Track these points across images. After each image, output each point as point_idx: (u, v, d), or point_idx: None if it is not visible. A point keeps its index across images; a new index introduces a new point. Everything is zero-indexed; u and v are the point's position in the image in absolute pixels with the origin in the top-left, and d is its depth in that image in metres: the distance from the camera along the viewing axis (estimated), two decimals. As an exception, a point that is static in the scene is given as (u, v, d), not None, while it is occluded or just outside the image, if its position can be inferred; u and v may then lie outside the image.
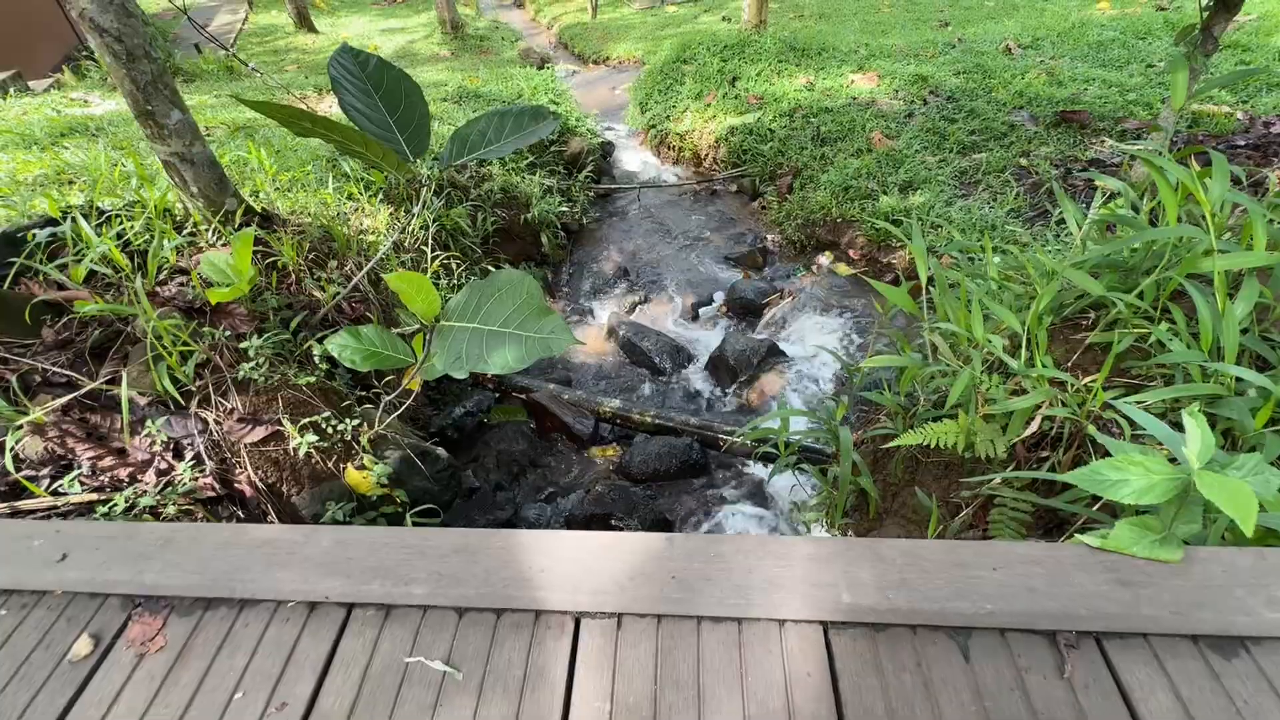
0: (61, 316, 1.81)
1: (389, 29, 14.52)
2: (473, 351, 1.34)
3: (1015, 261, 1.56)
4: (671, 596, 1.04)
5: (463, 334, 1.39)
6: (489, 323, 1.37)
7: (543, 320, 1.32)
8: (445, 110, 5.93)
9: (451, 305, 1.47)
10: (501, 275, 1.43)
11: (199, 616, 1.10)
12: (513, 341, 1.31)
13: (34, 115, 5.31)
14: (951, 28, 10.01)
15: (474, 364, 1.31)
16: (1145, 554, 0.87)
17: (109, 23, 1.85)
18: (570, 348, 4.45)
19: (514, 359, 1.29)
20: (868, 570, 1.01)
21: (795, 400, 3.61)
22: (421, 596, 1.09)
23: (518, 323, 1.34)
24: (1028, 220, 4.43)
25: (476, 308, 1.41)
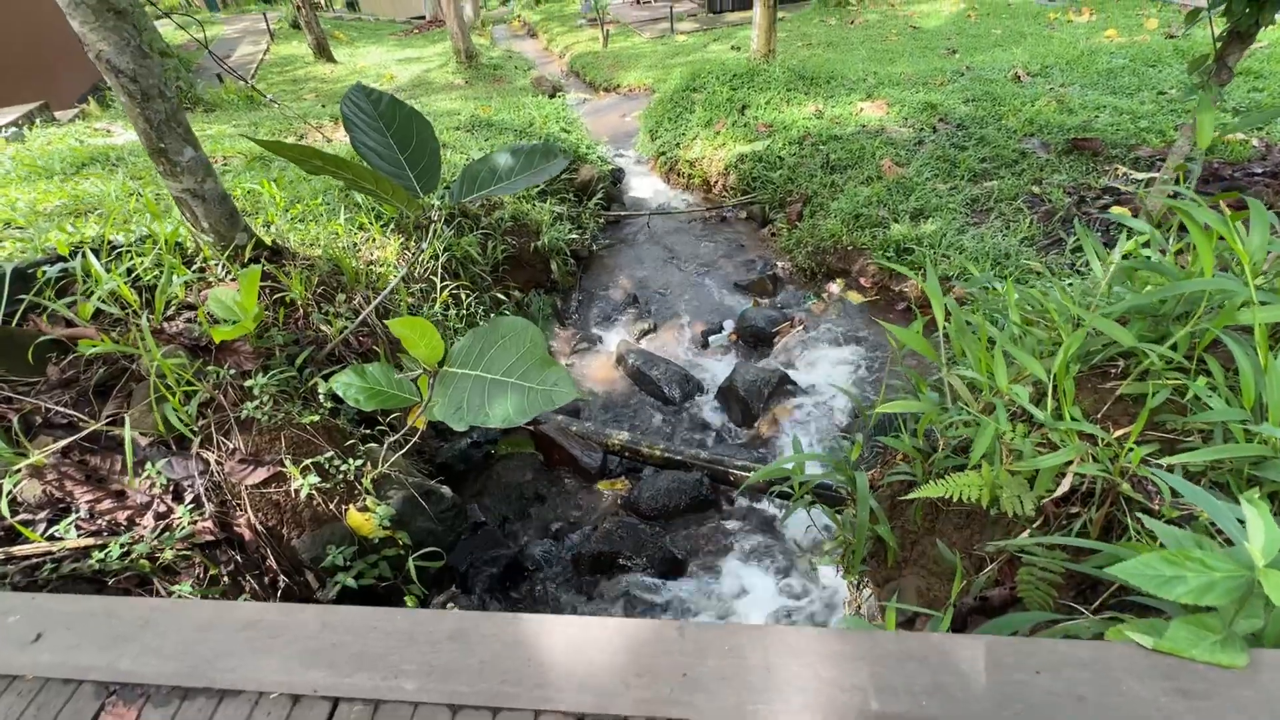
0: (67, 354, 1.80)
1: (405, 58, 14.86)
2: (474, 401, 1.30)
3: (1037, 303, 1.51)
4: (682, 699, 0.96)
5: (465, 381, 1.36)
6: (491, 371, 1.33)
7: (545, 372, 1.28)
8: (458, 139, 6.01)
9: (454, 351, 1.44)
10: (505, 323, 1.40)
11: (176, 707, 1.03)
12: (514, 392, 1.27)
13: (58, 145, 5.43)
14: (959, 55, 10.08)
15: (475, 416, 1.28)
16: (1206, 658, 0.79)
17: (125, 64, 1.87)
18: (579, 376, 4.42)
19: (515, 411, 1.25)
20: (898, 672, 0.92)
21: (807, 433, 3.54)
22: (412, 691, 1.01)
23: (520, 372, 1.30)
24: (1042, 249, 4.38)
25: (479, 355, 1.38)
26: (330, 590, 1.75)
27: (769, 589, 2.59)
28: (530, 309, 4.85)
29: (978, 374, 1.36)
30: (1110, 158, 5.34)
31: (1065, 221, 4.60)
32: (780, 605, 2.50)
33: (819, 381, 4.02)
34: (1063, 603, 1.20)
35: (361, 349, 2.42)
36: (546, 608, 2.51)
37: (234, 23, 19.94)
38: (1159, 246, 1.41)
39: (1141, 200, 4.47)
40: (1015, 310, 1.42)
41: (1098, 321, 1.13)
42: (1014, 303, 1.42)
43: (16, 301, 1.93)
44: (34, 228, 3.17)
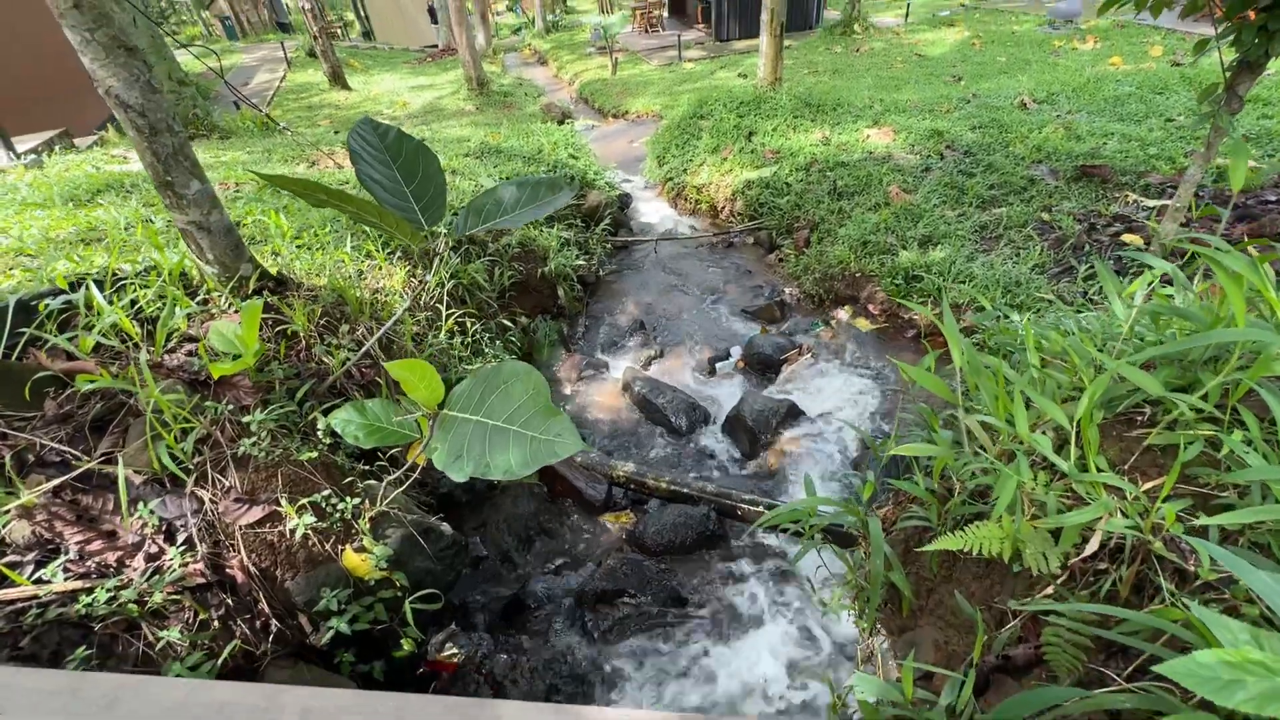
0: (65, 388, 1.78)
1: (418, 85, 15.16)
2: (474, 449, 1.26)
3: (1056, 344, 1.46)
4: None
5: (465, 426, 1.32)
6: (493, 417, 1.30)
7: (549, 421, 1.24)
8: (467, 165, 6.06)
9: (455, 394, 1.40)
10: (507, 367, 1.37)
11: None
12: (517, 442, 1.23)
13: (75, 171, 5.52)
14: (964, 83, 10.15)
15: (476, 467, 1.23)
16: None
17: (134, 99, 1.88)
18: (585, 403, 4.38)
19: (518, 463, 1.20)
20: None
21: (816, 465, 3.47)
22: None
23: (523, 420, 1.26)
24: (1053, 276, 4.32)
25: (480, 399, 1.34)
26: (323, 636, 1.69)
27: (780, 634, 2.51)
28: (536, 335, 4.83)
29: (996, 419, 1.31)
30: (1120, 185, 5.31)
31: (1076, 249, 4.55)
32: (792, 656, 2.41)
33: (828, 410, 3.95)
34: (1093, 667, 1.13)
35: (364, 380, 2.39)
36: (548, 648, 2.43)
37: (252, 51, 20.48)
38: (1183, 287, 1.37)
39: (1154, 229, 4.42)
40: (1033, 352, 1.37)
41: (1123, 369, 1.08)
42: (1033, 344, 1.37)
43: (18, 334, 1.92)
44: (44, 255, 3.19)
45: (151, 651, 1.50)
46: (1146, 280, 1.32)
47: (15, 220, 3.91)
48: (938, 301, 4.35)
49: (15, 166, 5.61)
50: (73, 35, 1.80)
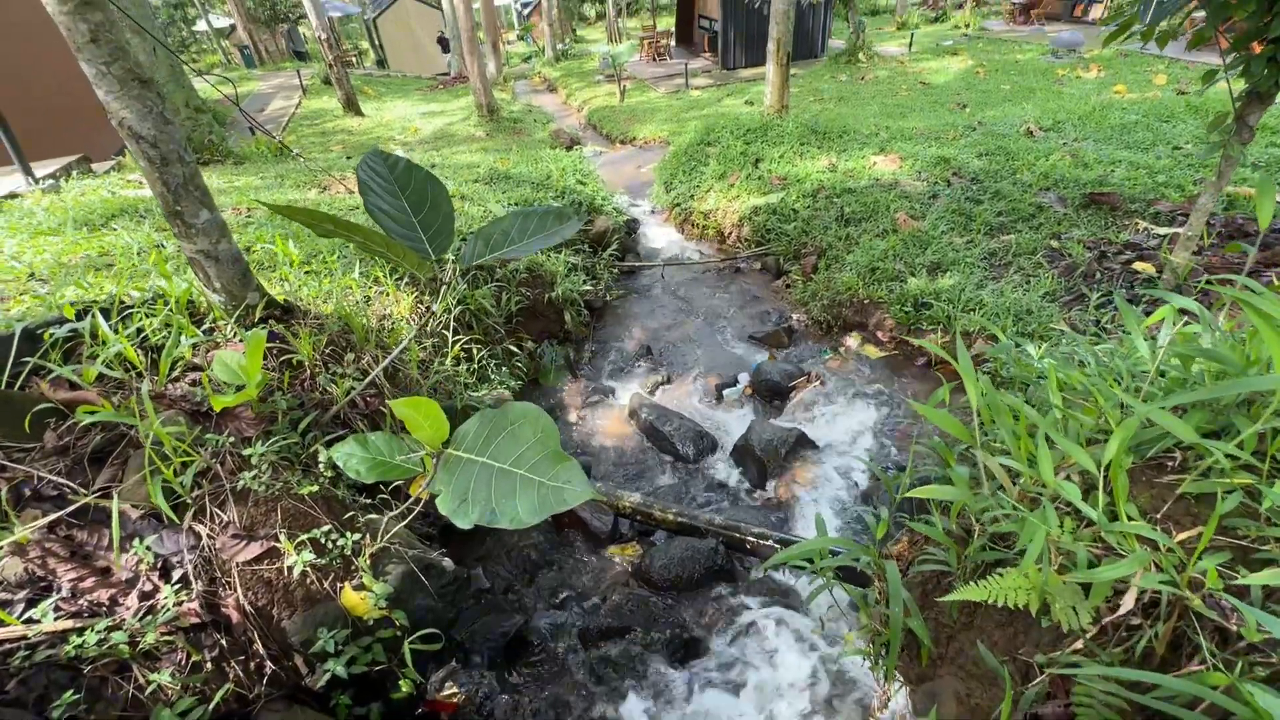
0: (66, 419, 1.76)
1: (429, 112, 15.43)
2: (480, 493, 1.22)
3: (1079, 383, 1.41)
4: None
5: (471, 468, 1.28)
6: (500, 459, 1.26)
7: (558, 467, 1.21)
8: (476, 190, 6.12)
9: (460, 433, 1.37)
10: (515, 408, 1.34)
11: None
12: (524, 487, 1.19)
13: (91, 196, 5.60)
14: (970, 110, 10.23)
15: (481, 514, 1.19)
16: None
17: (146, 130, 1.89)
18: (591, 430, 4.33)
19: (525, 511, 1.16)
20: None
21: (826, 497, 3.40)
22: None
23: (530, 464, 1.22)
24: (1065, 304, 4.28)
25: (487, 440, 1.30)
26: (319, 678, 1.64)
27: (791, 679, 2.42)
28: (543, 360, 4.81)
29: (1018, 463, 1.26)
30: (1129, 212, 5.29)
31: (1087, 277, 4.51)
32: (805, 704, 2.32)
33: (838, 439, 3.89)
34: (1129, 731, 1.06)
35: (368, 409, 2.36)
36: (551, 688, 2.35)
37: (269, 79, 20.98)
38: (1209, 325, 1.32)
39: (1166, 257, 4.38)
40: (1056, 394, 1.33)
41: (1153, 414, 1.04)
42: (1055, 383, 1.33)
43: (22, 362, 1.91)
44: (55, 280, 3.21)
45: (141, 695, 1.45)
46: (1170, 319, 1.29)
47: (29, 245, 3.95)
48: (947, 329, 4.31)
49: (33, 191, 5.70)
50: (89, 68, 1.82)
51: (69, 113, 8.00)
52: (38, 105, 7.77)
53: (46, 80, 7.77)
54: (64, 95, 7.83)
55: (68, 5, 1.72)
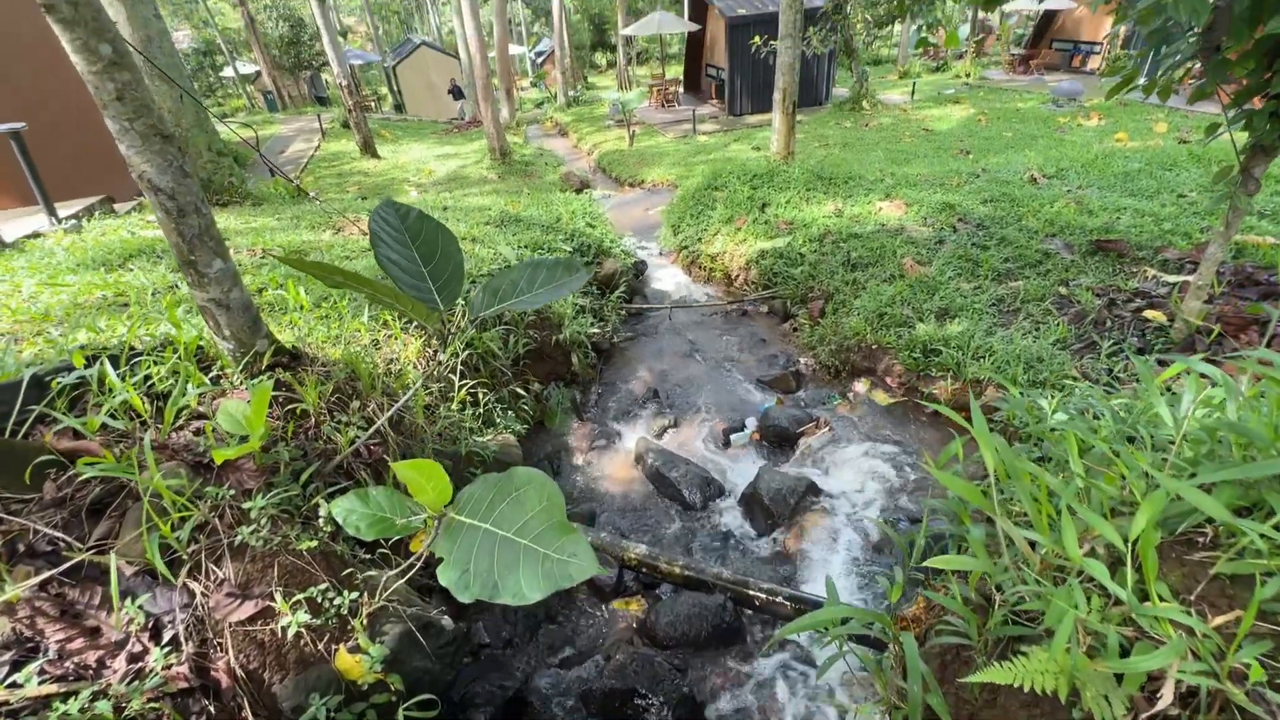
0: (67, 469, 1.74)
1: (444, 154, 15.87)
2: (482, 563, 1.18)
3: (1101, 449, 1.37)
4: None
5: (473, 534, 1.24)
6: (503, 526, 1.22)
7: (563, 539, 1.17)
8: (486, 233, 6.21)
9: (464, 496, 1.34)
10: (520, 474, 1.31)
11: None
12: (528, 558, 1.15)
13: (110, 236, 5.72)
14: (973, 156, 10.40)
15: (483, 588, 1.15)
16: None
17: (165, 183, 1.93)
18: (597, 475, 4.27)
19: (528, 585, 1.12)
20: None
21: (837, 550, 3.30)
22: None
23: (535, 533, 1.19)
24: (1076, 352, 4.23)
25: (490, 506, 1.27)
26: (309, 748, 1.56)
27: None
28: (549, 403, 4.79)
29: (1039, 535, 1.21)
30: (1137, 259, 5.29)
31: (1097, 324, 4.48)
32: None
33: (847, 488, 3.81)
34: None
35: (371, 458, 2.34)
36: (550, 754, 2.24)
37: (290, 123, 21.70)
38: (1232, 393, 1.29)
39: (1176, 305, 4.36)
40: (1077, 460, 1.29)
41: (1182, 490, 1.00)
42: (1075, 450, 1.29)
43: (28, 410, 1.91)
44: (69, 322, 3.25)
45: (123, 765, 1.38)
46: (1192, 385, 1.25)
47: (47, 285, 4.02)
48: (957, 376, 4.27)
49: (55, 231, 5.83)
50: (113, 124, 1.87)
51: (95, 154, 8.26)
52: (67, 150, 8.03)
53: (74, 127, 8.05)
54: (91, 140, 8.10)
55: (97, 65, 1.78)
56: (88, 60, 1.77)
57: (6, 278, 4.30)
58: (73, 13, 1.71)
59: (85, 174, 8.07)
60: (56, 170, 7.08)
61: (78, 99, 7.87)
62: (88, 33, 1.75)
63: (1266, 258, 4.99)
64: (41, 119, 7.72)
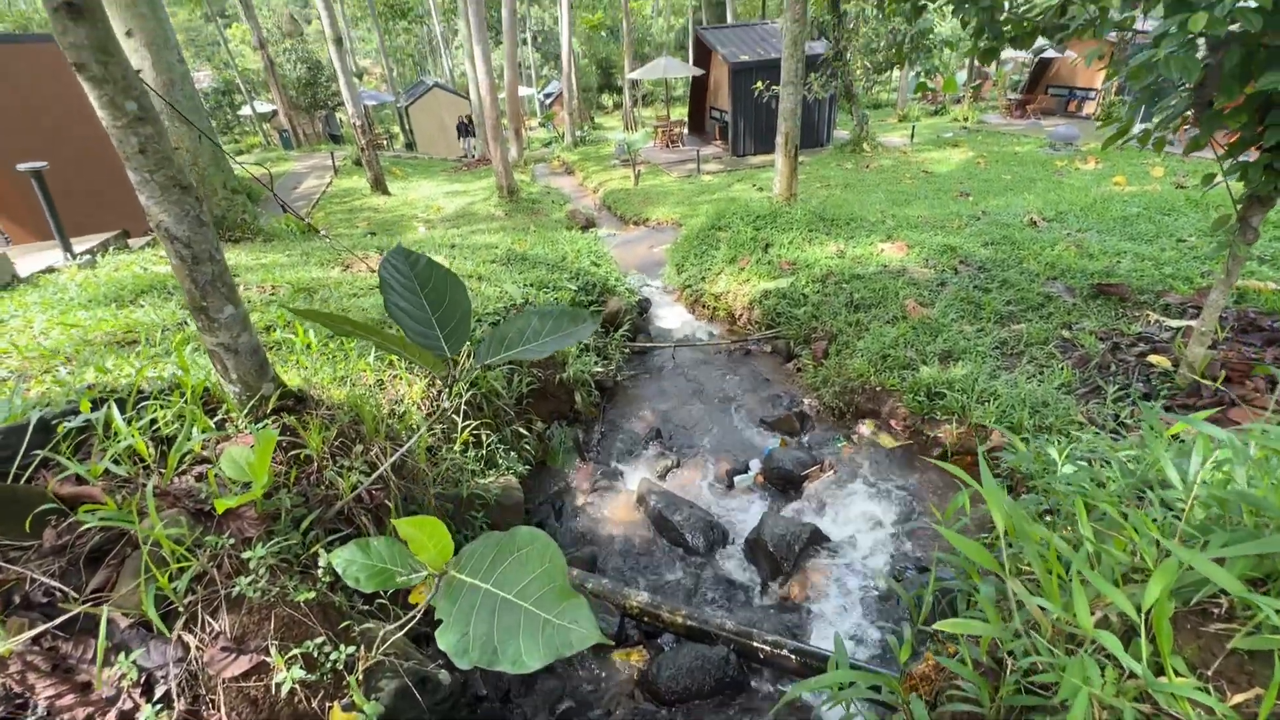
0: (68, 516, 1.73)
1: (452, 191, 16.19)
2: (482, 625, 1.16)
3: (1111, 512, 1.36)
4: None
5: (474, 595, 1.23)
6: (504, 587, 1.21)
7: (565, 603, 1.16)
8: (493, 271, 6.29)
9: (465, 554, 1.33)
10: (522, 533, 1.30)
11: None
12: (529, 622, 1.13)
13: (123, 272, 5.81)
14: (972, 198, 10.56)
15: (483, 654, 1.13)
16: None
17: (182, 233, 1.98)
18: (599, 517, 4.22)
19: (529, 654, 1.09)
20: None
21: (843, 600, 3.23)
22: None
23: (536, 596, 1.17)
24: (1081, 397, 4.22)
25: (492, 565, 1.26)
26: (298, 814, 1.51)
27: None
28: (552, 442, 4.77)
29: (1051, 602, 1.19)
30: (1138, 303, 5.31)
31: (1102, 368, 4.47)
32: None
33: (853, 534, 3.75)
34: None
35: (373, 503, 2.32)
36: (547, 817, 2.16)
37: (305, 160, 22.25)
38: (1242, 459, 1.28)
39: (1180, 351, 4.36)
40: (1086, 525, 1.27)
41: (1195, 561, 0.98)
42: (1084, 515, 1.27)
43: (32, 453, 1.91)
44: (79, 359, 3.27)
45: (106, 831, 1.34)
46: (1202, 452, 1.25)
47: (58, 322, 4.06)
48: (962, 420, 4.24)
49: (70, 266, 5.93)
50: (134, 175, 1.93)
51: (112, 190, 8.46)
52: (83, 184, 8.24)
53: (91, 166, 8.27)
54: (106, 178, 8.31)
55: (122, 121, 1.85)
56: (114, 115, 1.84)
57: (19, 313, 4.36)
58: (103, 72, 1.78)
59: (102, 209, 8.24)
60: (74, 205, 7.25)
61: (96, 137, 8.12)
62: (115, 90, 1.81)
63: (1268, 303, 5.01)
64: (63, 154, 7.94)
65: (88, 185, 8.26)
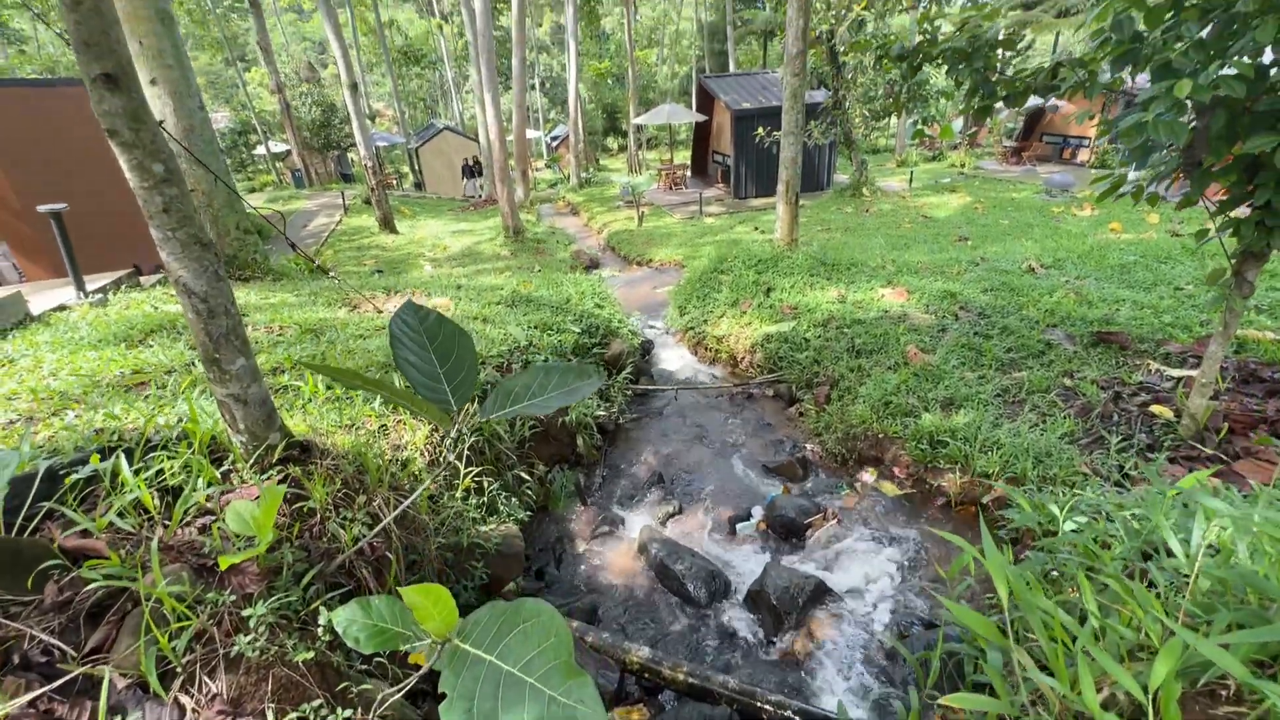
0: (70, 570, 1.73)
1: (459, 231, 16.49)
2: (485, 701, 1.15)
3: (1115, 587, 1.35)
4: None
5: (478, 667, 1.22)
6: (508, 660, 1.21)
7: (570, 681, 1.15)
8: (498, 313, 6.36)
9: (470, 623, 1.32)
10: (528, 606, 1.30)
11: None
12: (533, 698, 1.12)
13: (134, 310, 5.89)
14: (971, 243, 10.72)
15: (483, 732, 1.12)
16: None
17: (200, 288, 2.03)
18: (599, 565, 4.17)
19: None
20: None
21: (849, 658, 3.17)
22: None
23: (541, 672, 1.17)
24: (1084, 447, 4.21)
25: (496, 637, 1.26)
26: None
27: None
28: (553, 486, 4.75)
29: (1058, 682, 1.18)
30: (1139, 352, 5.34)
31: (1104, 418, 4.47)
32: None
33: (857, 586, 3.70)
34: None
35: (374, 555, 2.31)
36: None
37: (316, 198, 22.75)
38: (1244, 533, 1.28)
39: (1182, 402, 4.36)
40: (1091, 600, 1.27)
41: (1200, 645, 0.98)
42: (1089, 593, 1.27)
43: (38, 504, 1.92)
44: (87, 399, 3.30)
45: None
46: (1203, 523, 1.25)
47: (68, 361, 4.11)
48: (965, 469, 4.22)
49: (82, 305, 6.02)
50: (157, 233, 1.99)
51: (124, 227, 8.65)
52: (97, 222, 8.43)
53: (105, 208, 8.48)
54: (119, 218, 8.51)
55: (149, 182, 1.92)
56: (141, 177, 1.91)
57: (30, 351, 4.41)
58: (134, 138, 1.86)
59: (114, 245, 8.42)
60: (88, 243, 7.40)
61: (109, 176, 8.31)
62: (144, 154, 1.89)
63: (1268, 354, 5.04)
64: (79, 192, 8.16)
65: (101, 222, 8.45)
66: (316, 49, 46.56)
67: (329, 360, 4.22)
